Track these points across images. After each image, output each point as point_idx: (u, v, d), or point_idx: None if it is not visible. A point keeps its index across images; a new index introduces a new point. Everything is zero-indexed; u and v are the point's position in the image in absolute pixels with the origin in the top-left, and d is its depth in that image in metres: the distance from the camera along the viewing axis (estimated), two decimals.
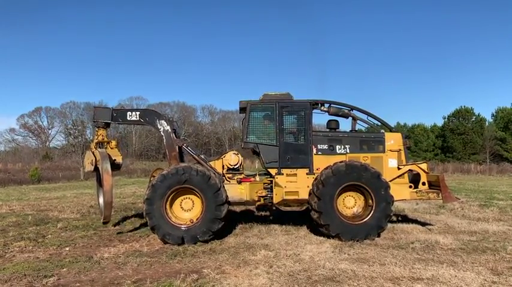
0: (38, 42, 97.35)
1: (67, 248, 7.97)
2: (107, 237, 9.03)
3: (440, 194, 8.82)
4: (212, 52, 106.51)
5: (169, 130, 9.28)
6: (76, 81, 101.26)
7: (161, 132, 9.32)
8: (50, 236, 9.15)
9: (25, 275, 6.15)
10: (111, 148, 9.36)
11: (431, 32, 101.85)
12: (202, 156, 9.32)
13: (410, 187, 9.12)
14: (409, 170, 9.20)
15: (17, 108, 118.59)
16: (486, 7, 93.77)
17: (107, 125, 9.42)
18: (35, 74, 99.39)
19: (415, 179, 9.24)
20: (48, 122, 67.32)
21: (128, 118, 9.37)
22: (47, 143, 67.45)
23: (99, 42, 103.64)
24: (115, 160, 9.27)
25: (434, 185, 9.08)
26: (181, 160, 9.43)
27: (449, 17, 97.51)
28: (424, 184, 9.14)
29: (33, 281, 5.91)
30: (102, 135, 9.31)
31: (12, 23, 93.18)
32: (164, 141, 9.33)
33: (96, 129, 9.38)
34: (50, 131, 67.85)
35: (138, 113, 9.42)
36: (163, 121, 9.33)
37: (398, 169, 9.04)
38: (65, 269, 6.51)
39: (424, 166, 9.26)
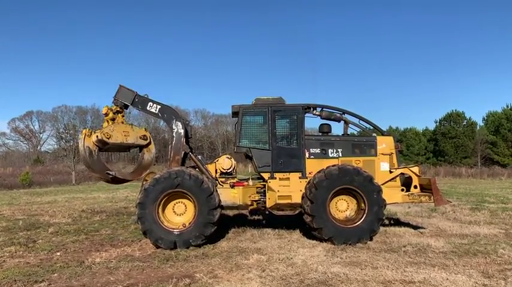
0: (29, 45, 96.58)
1: (58, 253, 7.91)
2: (98, 242, 8.97)
3: (432, 198, 8.89)
4: (205, 56, 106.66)
5: (182, 134, 9.15)
6: (68, 85, 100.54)
7: (173, 133, 9.17)
8: (40, 241, 9.06)
9: (15, 280, 6.09)
10: None
11: (423, 35, 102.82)
12: (199, 157, 9.30)
13: (402, 190, 9.18)
14: (401, 173, 9.27)
15: (8, 112, 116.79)
16: (479, 10, 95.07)
17: (125, 107, 9.30)
18: (26, 78, 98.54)
19: (407, 183, 9.31)
20: (39, 126, 66.61)
21: (148, 108, 9.26)
22: (38, 147, 66.77)
23: (91, 45, 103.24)
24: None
25: (426, 188, 9.15)
26: (183, 165, 9.27)
27: (441, 21, 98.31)
28: (416, 187, 9.22)
29: None
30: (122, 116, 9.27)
31: (2, 26, 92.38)
32: (173, 143, 9.15)
33: (114, 106, 9.17)
34: (41, 135, 67.16)
35: (159, 106, 9.26)
36: (179, 123, 9.19)
37: (390, 172, 9.10)
38: (55, 274, 6.45)
39: (415, 169, 9.34)
